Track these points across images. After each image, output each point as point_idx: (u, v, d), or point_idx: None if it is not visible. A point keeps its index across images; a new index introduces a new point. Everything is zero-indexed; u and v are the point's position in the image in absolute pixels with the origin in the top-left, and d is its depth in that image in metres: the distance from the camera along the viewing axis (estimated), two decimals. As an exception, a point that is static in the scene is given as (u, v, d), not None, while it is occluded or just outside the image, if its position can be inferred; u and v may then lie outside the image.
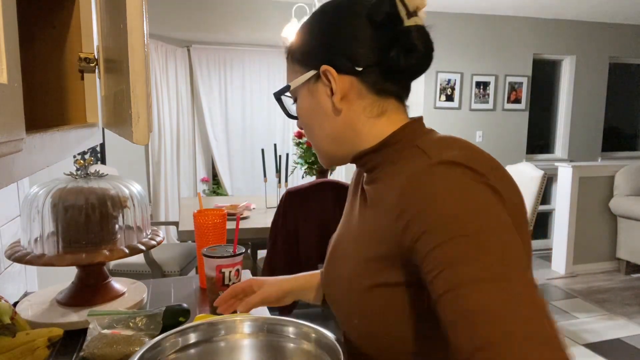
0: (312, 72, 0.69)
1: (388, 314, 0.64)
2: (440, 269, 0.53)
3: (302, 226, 2.32)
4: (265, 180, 3.03)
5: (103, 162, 3.90)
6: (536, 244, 4.93)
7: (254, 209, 2.97)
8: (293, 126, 4.54)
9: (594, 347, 2.81)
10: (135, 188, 1.10)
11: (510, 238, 0.53)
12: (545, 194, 4.55)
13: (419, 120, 0.72)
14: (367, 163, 0.71)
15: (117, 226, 1.04)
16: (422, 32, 0.65)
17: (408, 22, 0.64)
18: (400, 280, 0.61)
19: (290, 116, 0.77)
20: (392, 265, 0.61)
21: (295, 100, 0.73)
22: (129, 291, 1.12)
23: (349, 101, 0.68)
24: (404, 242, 0.58)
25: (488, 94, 4.69)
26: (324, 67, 0.67)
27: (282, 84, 0.75)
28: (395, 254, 0.60)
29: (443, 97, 4.57)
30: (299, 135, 3.04)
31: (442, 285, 0.52)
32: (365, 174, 0.74)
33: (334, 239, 0.82)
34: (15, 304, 1.03)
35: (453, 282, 0.51)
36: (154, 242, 1.09)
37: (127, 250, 1.02)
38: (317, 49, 0.69)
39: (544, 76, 5.02)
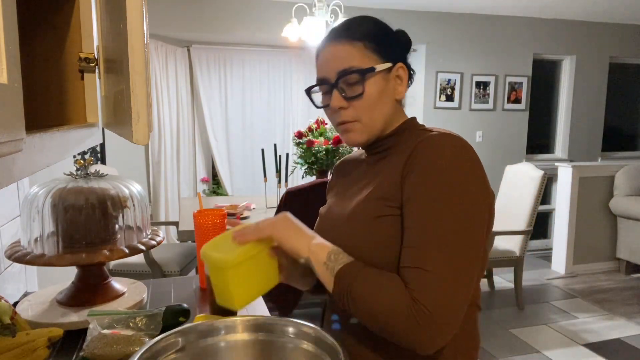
0: (389, 64, 0.84)
1: (386, 237, 0.77)
2: (412, 209, 0.74)
3: (302, 226, 2.31)
4: (265, 180, 3.03)
5: (103, 162, 3.90)
6: (536, 244, 4.93)
7: (254, 209, 2.97)
8: (293, 126, 4.54)
9: (594, 347, 2.81)
10: (135, 188, 1.10)
11: (467, 197, 0.73)
12: (545, 194, 4.55)
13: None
14: (384, 144, 0.87)
15: (117, 226, 1.04)
16: None
17: None
18: (395, 212, 0.78)
19: (318, 106, 0.90)
20: (392, 202, 0.78)
21: (362, 77, 0.82)
22: (129, 291, 1.12)
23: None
24: (403, 187, 0.77)
25: (488, 94, 4.69)
26: (400, 64, 0.85)
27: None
28: (398, 194, 0.78)
29: (443, 97, 4.57)
30: (299, 135, 3.04)
31: (407, 222, 0.74)
32: (367, 157, 0.92)
33: (326, 207, 0.98)
34: (15, 304, 1.03)
35: (411, 221, 0.73)
36: (154, 242, 1.09)
37: (127, 250, 1.02)
38: (392, 49, 0.85)
39: (544, 76, 5.02)
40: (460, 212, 0.71)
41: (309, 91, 0.90)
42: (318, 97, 0.89)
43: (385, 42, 0.85)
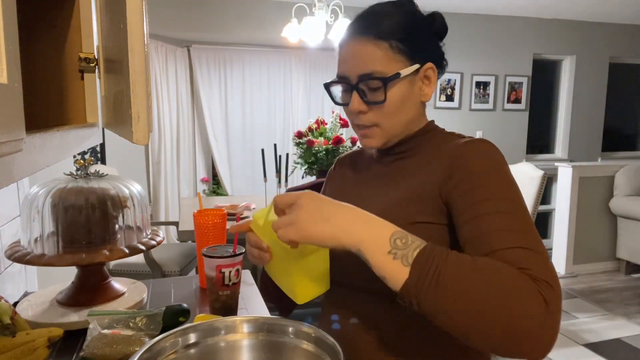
0: (417, 66, 0.79)
1: None
2: (469, 204, 0.70)
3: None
4: (265, 180, 3.03)
5: (103, 162, 3.90)
6: (536, 244, 4.92)
7: (254, 208, 2.97)
8: (293, 126, 4.54)
9: (594, 347, 2.81)
10: (135, 188, 1.10)
11: (517, 192, 0.71)
12: (545, 194, 4.55)
13: None
14: (404, 145, 0.85)
15: (117, 226, 1.04)
16: None
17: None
18: (433, 220, 0.75)
19: (337, 103, 0.86)
20: (431, 207, 0.75)
21: (385, 84, 0.77)
22: (129, 291, 1.12)
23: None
24: (443, 189, 0.74)
25: (488, 94, 4.69)
26: (430, 64, 0.80)
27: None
28: (437, 199, 0.75)
29: (443, 97, 4.57)
30: (299, 135, 3.04)
31: (469, 215, 0.69)
32: (378, 157, 0.89)
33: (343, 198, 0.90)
34: (15, 304, 1.03)
35: (477, 213, 0.68)
36: (154, 242, 1.09)
37: (127, 250, 1.02)
38: (421, 47, 0.80)
39: (544, 76, 5.02)
40: (523, 200, 0.71)
41: (328, 85, 0.84)
42: (338, 89, 0.84)
43: (414, 40, 0.78)
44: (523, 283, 0.58)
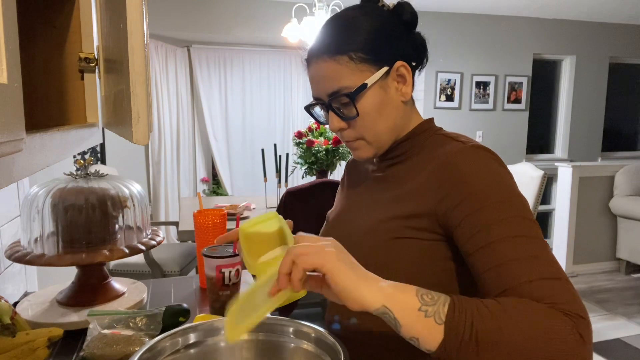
0: (385, 69, 0.75)
1: (405, 260, 0.73)
2: (477, 230, 0.65)
3: (302, 226, 2.31)
4: (265, 180, 3.03)
5: (103, 162, 3.90)
6: (536, 244, 4.92)
7: (254, 209, 2.97)
8: (293, 126, 4.54)
9: (594, 347, 2.81)
10: (135, 188, 1.10)
11: (524, 205, 0.67)
12: (545, 194, 4.55)
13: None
14: (397, 149, 0.81)
15: (117, 226, 1.04)
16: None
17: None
18: (424, 235, 0.72)
19: (322, 123, 0.84)
20: (419, 221, 0.72)
21: (352, 99, 0.74)
22: (129, 291, 1.12)
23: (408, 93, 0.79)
24: (439, 207, 0.70)
25: (488, 94, 4.69)
26: (400, 63, 0.76)
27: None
28: (428, 214, 0.72)
29: (443, 97, 4.57)
30: (299, 135, 3.03)
31: (479, 242, 0.65)
32: (377, 161, 0.86)
33: (336, 212, 0.91)
34: (15, 304, 1.03)
35: (488, 240, 0.64)
36: (154, 242, 1.09)
37: (127, 250, 1.02)
38: (387, 47, 0.76)
39: (544, 76, 5.02)
40: (528, 211, 0.67)
41: (308, 108, 0.83)
42: (318, 110, 0.83)
43: (377, 43, 0.75)
44: (558, 323, 0.57)
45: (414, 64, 0.79)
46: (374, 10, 0.78)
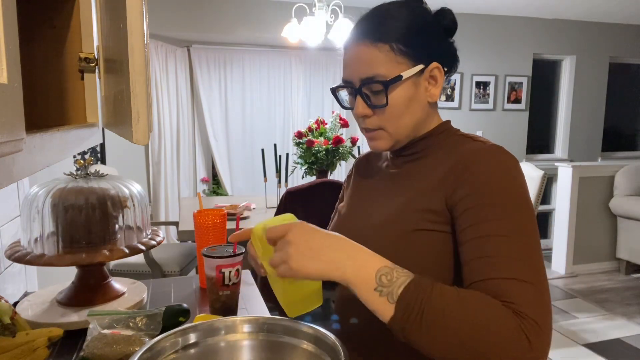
0: (421, 66, 0.77)
1: (422, 253, 0.74)
2: (474, 222, 0.68)
3: (302, 226, 2.31)
4: (265, 180, 3.03)
5: (103, 162, 3.90)
6: (536, 244, 4.92)
7: (254, 209, 2.97)
8: (293, 126, 4.54)
9: (594, 347, 2.81)
10: (135, 188, 1.10)
11: (529, 211, 0.69)
12: (545, 194, 4.55)
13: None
14: (415, 147, 0.83)
15: (117, 226, 1.04)
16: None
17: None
18: (437, 228, 0.74)
19: (344, 107, 0.86)
20: (436, 215, 0.74)
21: (386, 88, 0.76)
22: (129, 291, 1.12)
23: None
24: (451, 199, 0.72)
25: (488, 94, 4.69)
26: (435, 64, 0.78)
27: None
28: (443, 209, 0.74)
29: (443, 97, 4.57)
30: (299, 135, 3.03)
31: (470, 234, 0.68)
32: (392, 158, 0.88)
33: (348, 206, 0.92)
34: (15, 304, 1.03)
35: (478, 234, 0.67)
36: (154, 242, 1.09)
37: (127, 250, 1.02)
38: (426, 46, 0.78)
39: (544, 76, 5.02)
40: (532, 221, 0.68)
41: (334, 90, 0.85)
42: (344, 93, 0.85)
43: (418, 40, 0.77)
44: (503, 318, 0.59)
45: (445, 69, 0.81)
46: (419, 9, 0.80)
